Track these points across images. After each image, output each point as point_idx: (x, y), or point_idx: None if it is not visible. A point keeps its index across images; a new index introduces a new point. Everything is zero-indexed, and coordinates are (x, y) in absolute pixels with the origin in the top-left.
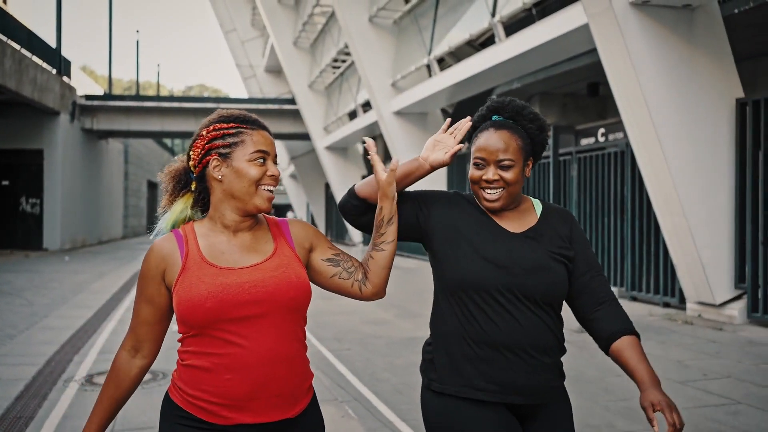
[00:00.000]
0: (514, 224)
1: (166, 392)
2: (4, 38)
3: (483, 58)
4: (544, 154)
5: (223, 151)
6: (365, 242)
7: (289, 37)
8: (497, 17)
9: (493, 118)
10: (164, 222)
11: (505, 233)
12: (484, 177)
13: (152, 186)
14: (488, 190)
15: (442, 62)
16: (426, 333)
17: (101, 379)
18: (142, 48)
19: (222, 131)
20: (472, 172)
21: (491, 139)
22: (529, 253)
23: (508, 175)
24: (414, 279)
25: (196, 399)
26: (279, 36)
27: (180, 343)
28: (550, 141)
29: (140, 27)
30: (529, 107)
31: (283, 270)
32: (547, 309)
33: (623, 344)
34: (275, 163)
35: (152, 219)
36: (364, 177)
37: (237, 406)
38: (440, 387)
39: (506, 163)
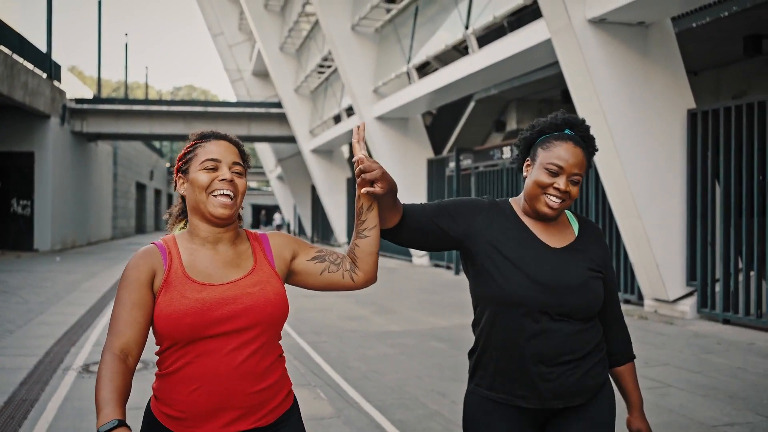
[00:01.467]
0: (554, 238)
1: (149, 401)
2: None
3: (459, 67)
4: (512, 159)
5: (183, 168)
6: (350, 242)
7: (275, 43)
8: (470, 29)
9: (566, 131)
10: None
11: (547, 249)
12: (555, 185)
13: (141, 187)
14: (554, 198)
15: (428, 66)
16: (399, 327)
17: (97, 368)
18: (130, 48)
19: (185, 152)
20: (543, 177)
21: (571, 152)
22: (570, 272)
23: (575, 190)
24: (394, 278)
25: (167, 408)
26: (265, 41)
27: (157, 355)
28: None
29: (129, 27)
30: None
31: (261, 287)
32: (587, 320)
33: (625, 370)
34: (235, 171)
35: (141, 220)
36: (348, 179)
37: (198, 416)
38: (488, 395)
39: (576, 178)
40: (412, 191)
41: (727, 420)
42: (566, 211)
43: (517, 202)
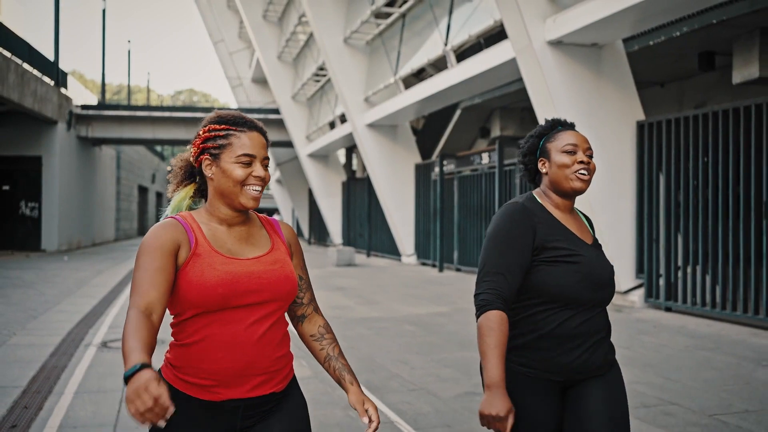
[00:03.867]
0: (582, 231)
1: (158, 371)
2: (8, 54)
3: (440, 79)
4: (490, 164)
5: (213, 152)
6: (345, 243)
7: (273, 51)
8: (449, 46)
9: (559, 128)
10: (169, 209)
11: (585, 246)
12: (577, 159)
13: (143, 190)
14: (582, 171)
15: (423, 71)
16: (378, 315)
17: (116, 344)
18: (131, 52)
19: (214, 133)
20: (564, 159)
21: (576, 135)
22: (606, 266)
23: (592, 163)
24: (381, 275)
25: (189, 376)
26: (264, 50)
27: (174, 324)
28: (496, 153)
29: (130, 30)
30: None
31: (280, 265)
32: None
33: None
34: (265, 165)
35: (142, 222)
36: (343, 183)
37: (227, 382)
38: (521, 370)
39: (590, 153)
40: (401, 194)
41: (633, 380)
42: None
43: (542, 197)
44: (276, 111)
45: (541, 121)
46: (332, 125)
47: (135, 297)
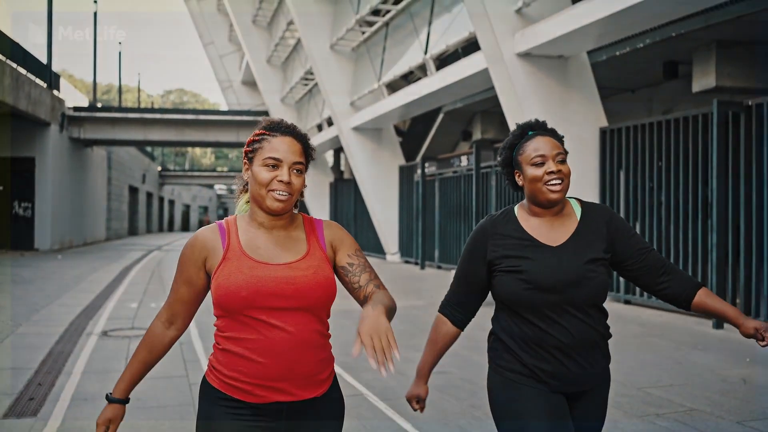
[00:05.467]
0: (554, 236)
1: (204, 376)
2: (4, 58)
3: (421, 85)
4: (468, 166)
5: (250, 156)
6: None
7: (262, 55)
8: (428, 54)
9: (529, 133)
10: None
11: (548, 250)
12: (547, 170)
13: (133, 191)
14: (553, 182)
15: (411, 74)
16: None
17: (115, 333)
18: (122, 52)
19: (253, 138)
20: (534, 171)
21: (543, 141)
22: (571, 267)
23: (565, 167)
24: None
25: (234, 380)
26: (253, 54)
27: (216, 327)
28: (473, 156)
29: (120, 30)
30: (545, 123)
31: (313, 271)
32: (591, 310)
33: (701, 297)
34: (295, 170)
35: (133, 222)
36: (331, 184)
37: (270, 386)
38: (509, 375)
39: (561, 157)
40: (385, 195)
41: None
42: (572, 200)
43: (522, 207)
44: (265, 113)
45: (511, 127)
46: (320, 128)
47: (164, 306)
